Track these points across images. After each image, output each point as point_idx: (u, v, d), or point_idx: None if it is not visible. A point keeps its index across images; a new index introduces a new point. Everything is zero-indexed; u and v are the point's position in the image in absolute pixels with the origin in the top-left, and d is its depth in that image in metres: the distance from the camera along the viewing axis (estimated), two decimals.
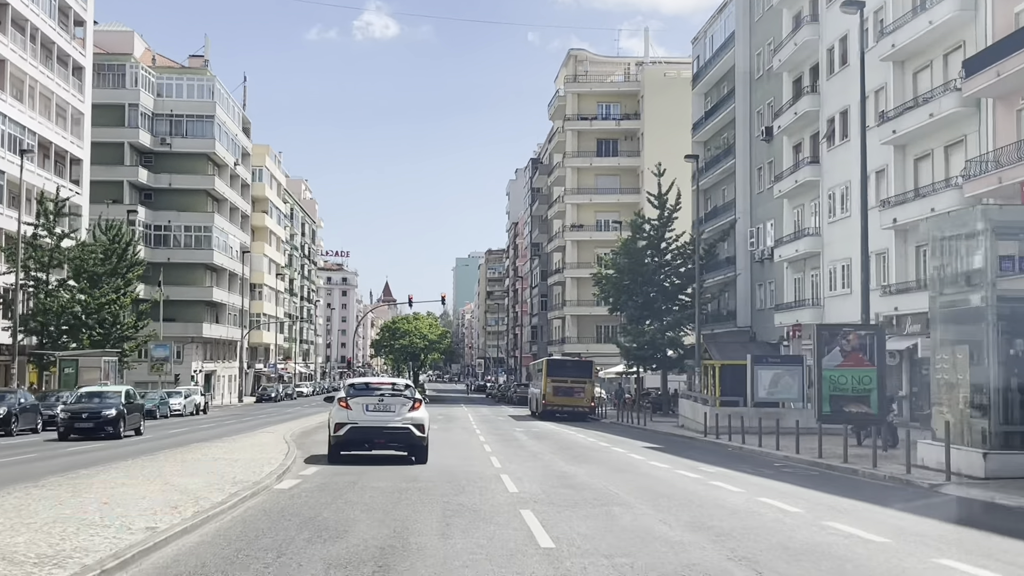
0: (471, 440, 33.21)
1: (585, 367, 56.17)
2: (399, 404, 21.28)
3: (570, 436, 36.54)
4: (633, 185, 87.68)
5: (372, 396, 21.59)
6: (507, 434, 37.83)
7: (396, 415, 21.15)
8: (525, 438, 34.97)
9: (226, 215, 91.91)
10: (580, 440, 34.17)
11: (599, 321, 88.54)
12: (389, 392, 21.77)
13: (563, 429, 42.98)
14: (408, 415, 21.23)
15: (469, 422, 49.54)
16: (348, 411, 21.24)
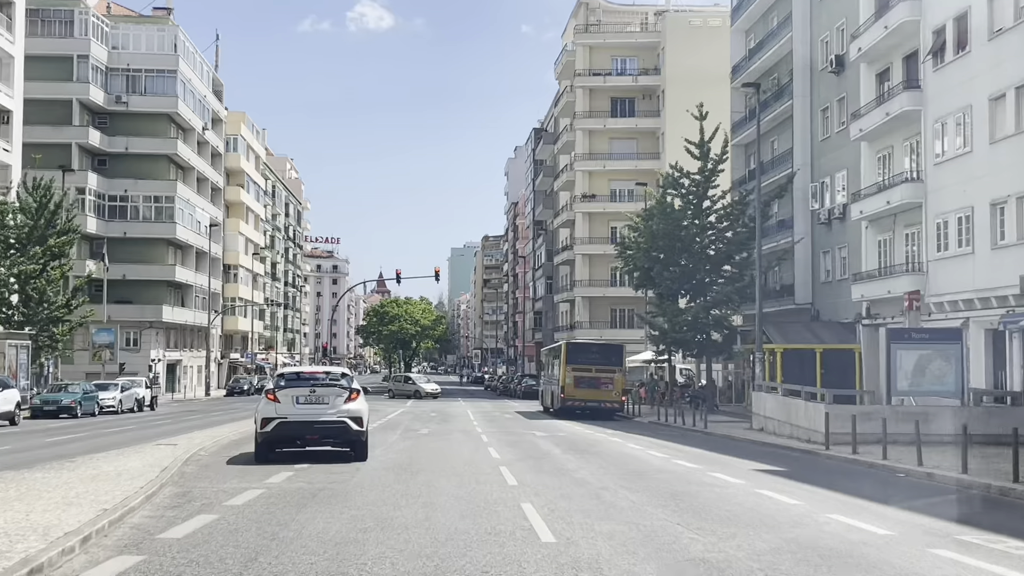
0: (477, 455, 21.97)
1: (613, 352, 44.92)
2: (333, 395, 18.83)
3: (618, 447, 25.33)
4: (652, 149, 76.31)
5: (303, 387, 18.96)
6: (527, 442, 26.68)
7: (330, 408, 18.73)
8: (556, 450, 23.72)
9: (192, 186, 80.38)
10: (638, 454, 22.88)
11: (614, 303, 77.21)
12: (322, 382, 19.21)
13: (597, 433, 31.74)
14: (344, 407, 18.75)
15: (470, 422, 38.38)
16: (276, 404, 18.68)
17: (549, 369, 49.60)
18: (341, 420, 18.60)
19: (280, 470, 17.09)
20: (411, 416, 42.99)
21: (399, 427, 33.31)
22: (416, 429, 31.86)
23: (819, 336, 43.71)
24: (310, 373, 20.18)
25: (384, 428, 32.12)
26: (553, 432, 31.32)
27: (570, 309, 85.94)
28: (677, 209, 47.38)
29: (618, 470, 18.47)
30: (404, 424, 35.37)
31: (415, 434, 29.06)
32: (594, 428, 34.91)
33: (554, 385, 45.88)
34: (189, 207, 78.30)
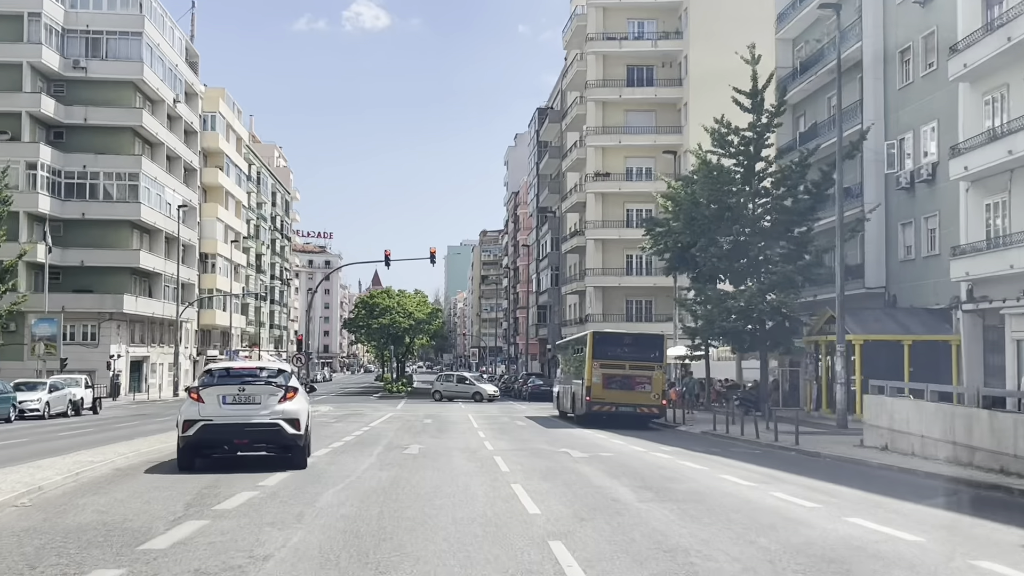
0: (498, 504, 12.89)
1: (652, 344, 35.98)
2: (266, 394, 16.19)
3: (717, 484, 16.34)
4: (672, 123, 67.48)
5: (231, 385, 16.28)
6: (566, 470, 17.90)
7: (262, 408, 16.04)
8: (622, 489, 14.67)
9: (162, 163, 71.44)
10: (769, 504, 13.55)
11: (630, 294, 68.37)
12: (253, 379, 16.46)
13: (653, 452, 22.91)
14: (278, 407, 16.11)
15: (475, 433, 29.70)
16: (200, 404, 16.04)
17: (567, 366, 40.72)
18: (274, 422, 16.08)
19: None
20: (400, 424, 34.08)
21: (380, 442, 24.44)
22: (402, 446, 22.97)
23: (904, 325, 35.06)
24: (241, 369, 17.80)
25: (359, 445, 23.24)
26: (592, 450, 22.45)
27: (579, 301, 77.07)
28: (723, 170, 38.46)
29: (782, 549, 9.54)
30: (388, 437, 26.49)
31: (400, 455, 20.16)
32: (640, 442, 26.07)
33: (575, 385, 37.03)
34: (157, 186, 69.30)
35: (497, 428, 32.52)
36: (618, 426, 33.76)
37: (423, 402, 59.27)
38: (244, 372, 17.18)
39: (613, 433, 30.12)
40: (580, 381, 35.74)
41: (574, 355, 38.68)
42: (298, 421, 16.22)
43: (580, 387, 35.51)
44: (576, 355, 37.96)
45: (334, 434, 27.20)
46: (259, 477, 14.90)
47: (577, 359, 37.47)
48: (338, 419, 37.24)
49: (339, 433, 27.78)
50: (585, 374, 34.41)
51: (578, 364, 37.01)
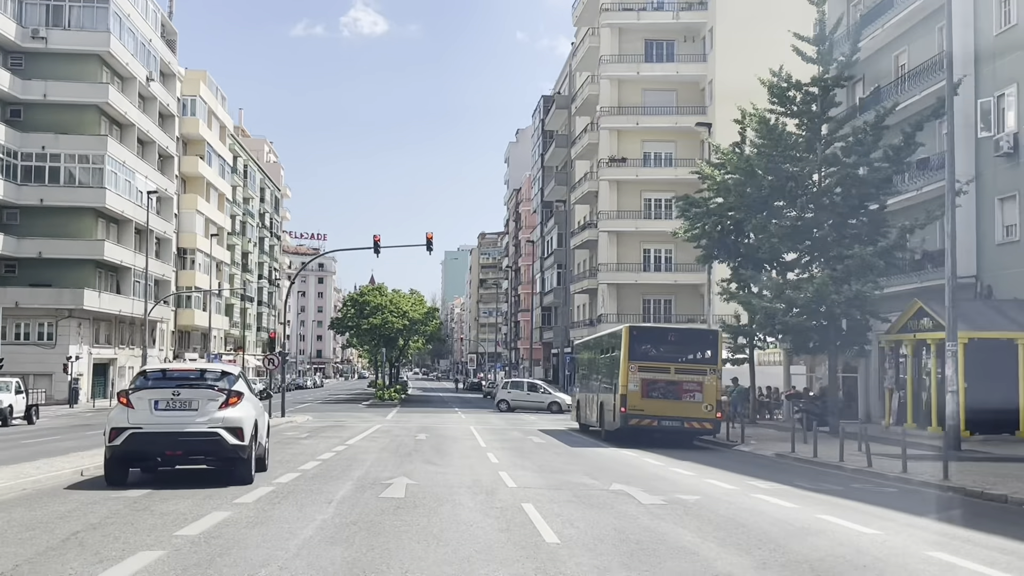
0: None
1: (703, 342, 28.64)
2: (204, 399, 14.26)
3: (887, 552, 9.52)
4: (695, 102, 60.44)
5: (164, 389, 14.43)
6: (639, 527, 10.93)
7: (199, 415, 14.16)
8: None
9: (132, 147, 64.25)
10: None
11: (647, 291, 61.21)
12: (191, 383, 14.60)
13: (750, 491, 15.85)
14: (218, 414, 14.15)
15: (480, 450, 23.14)
16: (129, 410, 14.17)
17: (591, 370, 33.42)
18: (213, 431, 13.98)
19: None
20: (386, 442, 26.88)
21: (352, 472, 17.20)
22: (382, 481, 15.68)
23: (1016, 320, 27.90)
24: (179, 371, 15.58)
25: (319, 480, 15.99)
26: (662, 490, 15.23)
27: (589, 301, 69.92)
28: (781, 133, 31.32)
29: None
30: (366, 463, 19.27)
31: (374, 503, 12.82)
32: (713, 472, 18.92)
33: (604, 393, 29.81)
34: (126, 171, 62.07)
35: (511, 447, 25.33)
36: (660, 444, 26.68)
37: (417, 411, 52.04)
38: (181, 374, 15.23)
39: (663, 456, 22.95)
40: (611, 388, 28.53)
41: (601, 357, 31.40)
42: (241, 430, 14.24)
43: (611, 396, 28.29)
44: (604, 357, 30.70)
45: (294, 458, 20.03)
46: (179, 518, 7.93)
47: (606, 362, 30.22)
48: (312, 433, 30.01)
49: (302, 456, 20.60)
50: (619, 379, 27.19)
51: (608, 367, 29.78)
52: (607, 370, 29.81)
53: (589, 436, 31.23)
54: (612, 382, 28.44)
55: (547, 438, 30.00)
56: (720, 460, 22.48)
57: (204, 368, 15.82)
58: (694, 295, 60.57)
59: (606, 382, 29.76)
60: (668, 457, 22.70)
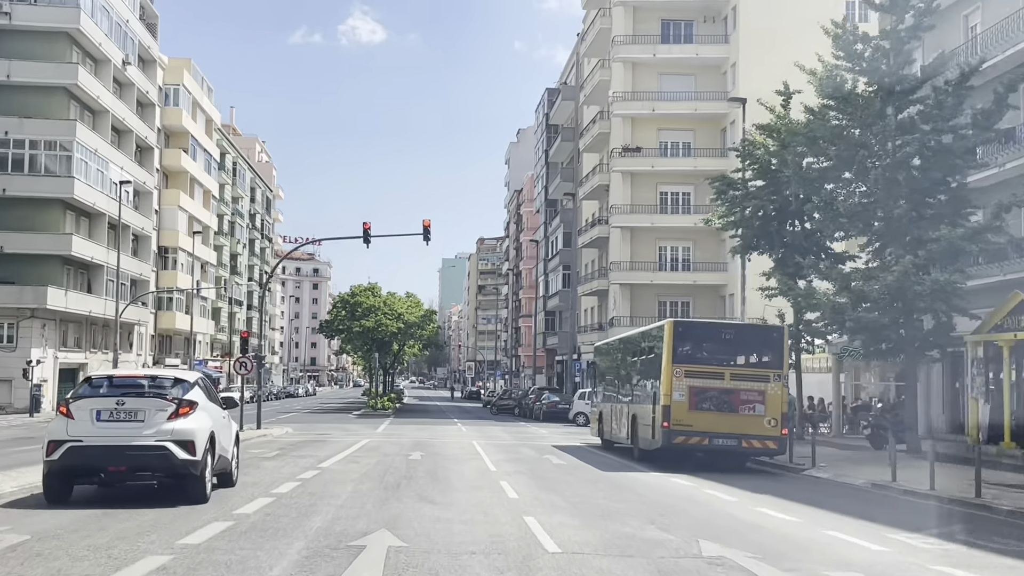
0: None
1: (766, 341, 22.67)
2: (153, 409, 12.94)
3: None
4: (717, 88, 55.07)
5: (108, 397, 13.07)
6: None
7: (146, 426, 12.84)
8: None
9: (105, 134, 58.74)
10: None
11: (663, 292, 55.79)
12: (137, 391, 13.25)
13: (904, 554, 10.01)
14: (166, 426, 12.84)
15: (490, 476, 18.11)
16: (68, 421, 12.93)
17: (619, 377, 27.84)
18: (160, 445, 12.75)
19: None
20: (371, 464, 21.44)
21: (308, 523, 11.60)
22: (354, 537, 10.17)
23: None
24: (127, 378, 14.27)
25: (255, 537, 10.42)
26: (792, 558, 9.73)
27: (598, 304, 64.46)
28: (849, 93, 25.95)
29: None
30: (336, 505, 13.73)
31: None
32: (824, 518, 13.66)
33: (638, 404, 24.31)
34: (98, 161, 56.62)
35: (528, 472, 19.91)
36: (707, 466, 21.43)
37: (412, 422, 46.53)
38: (129, 382, 13.79)
39: (729, 486, 17.60)
40: (648, 398, 23.07)
41: (633, 360, 25.80)
42: (192, 443, 12.80)
43: (648, 407, 22.82)
44: (638, 360, 25.13)
45: (242, 490, 14.74)
46: None
47: (641, 366, 24.69)
48: (283, 451, 24.52)
49: (254, 487, 15.24)
50: (661, 387, 21.71)
51: (643, 373, 24.31)
52: (642, 376, 24.34)
53: (616, 455, 25.80)
54: (650, 391, 22.98)
55: (567, 457, 24.56)
56: (810, 494, 17.05)
57: (155, 375, 14.44)
58: (714, 297, 55.21)
59: (640, 391, 24.28)
60: (737, 488, 17.30)
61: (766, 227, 32.30)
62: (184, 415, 12.97)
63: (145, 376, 14.27)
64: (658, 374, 22.12)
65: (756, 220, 32.26)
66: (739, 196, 32.52)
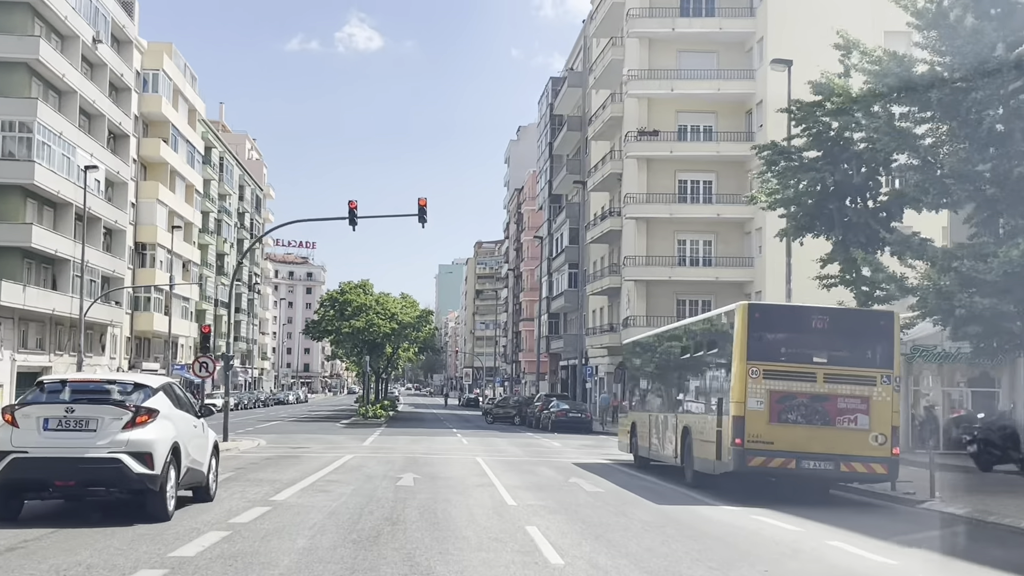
0: None
1: (870, 332, 17.01)
2: (106, 417, 11.61)
3: None
4: (741, 65, 49.82)
5: (57, 404, 11.78)
6: None
7: (98, 436, 11.53)
8: None
9: (73, 117, 53.31)
10: None
11: (684, 290, 50.42)
12: (90, 397, 11.95)
13: None
14: (121, 436, 11.53)
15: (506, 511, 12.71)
16: (13, 430, 11.66)
17: (662, 380, 22.22)
18: (113, 457, 11.36)
19: None
20: (345, 496, 15.94)
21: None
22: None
23: None
24: (81, 382, 12.76)
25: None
26: None
27: (608, 304, 59.15)
28: (965, 25, 20.61)
29: None
30: (277, 568, 8.12)
31: None
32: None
33: (694, 413, 18.80)
34: (63, 145, 51.22)
35: (560, 507, 14.51)
36: (783, 496, 16.02)
37: (406, 432, 41.01)
38: (83, 386, 12.37)
39: (846, 531, 12.29)
40: (709, 406, 17.65)
41: (687, 358, 20.04)
42: (150, 455, 11.54)
43: (710, 418, 17.39)
44: (694, 357, 19.45)
45: (141, 541, 9.12)
46: None
47: (698, 364, 19.08)
48: (238, 473, 19.03)
49: (161, 539, 9.75)
50: (731, 392, 16.27)
51: (702, 373, 18.80)
52: (699, 378, 18.85)
53: (658, 477, 20.41)
54: (712, 397, 17.55)
55: (600, 482, 19.10)
56: (977, 548, 11.57)
57: (113, 379, 13.00)
58: (739, 295, 49.63)
59: (696, 397, 18.84)
60: (865, 536, 11.97)
61: (823, 205, 27.20)
62: (142, 424, 11.73)
63: (102, 380, 12.91)
64: (726, 375, 16.70)
65: (812, 196, 27.16)
66: (793, 168, 27.30)
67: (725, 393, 16.62)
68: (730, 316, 16.95)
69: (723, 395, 16.73)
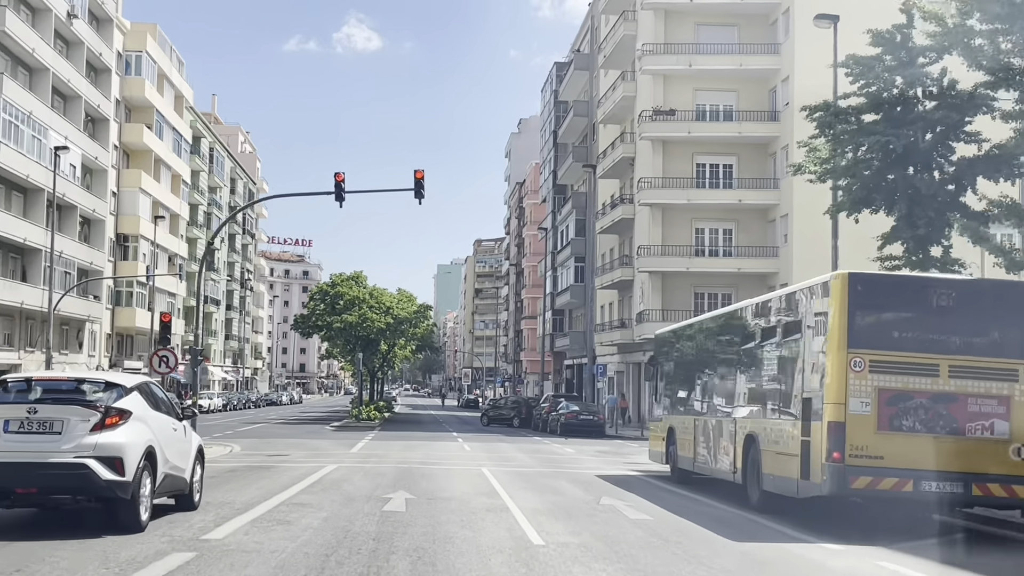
0: None
1: (1009, 308, 13.13)
2: (73, 419, 10.50)
3: None
4: (765, 39, 45.81)
5: (19, 404, 10.76)
6: None
7: (63, 440, 10.45)
8: None
9: (44, 96, 49.27)
10: None
11: (702, 283, 46.39)
12: (56, 397, 10.97)
13: None
14: (89, 439, 10.42)
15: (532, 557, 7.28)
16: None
17: (711, 372, 17.96)
18: (79, 462, 10.27)
19: None
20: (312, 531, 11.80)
21: None
22: None
23: None
24: (48, 380, 12.03)
25: None
26: None
27: (618, 299, 55.16)
28: None
29: None
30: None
31: None
32: None
33: (761, 415, 14.64)
34: (33, 125, 47.20)
35: (597, 541, 10.59)
36: (886, 527, 12.01)
37: (401, 436, 36.85)
38: (49, 385, 11.50)
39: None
40: (788, 407, 13.55)
41: (751, 346, 15.70)
42: (120, 460, 10.39)
43: (788, 424, 13.32)
44: (764, 345, 15.00)
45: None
46: None
47: (770, 354, 14.74)
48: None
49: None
50: (826, 391, 12.17)
51: (776, 365, 14.55)
52: (773, 373, 14.65)
53: (708, 495, 16.37)
54: (793, 396, 13.44)
55: (642, 504, 15.00)
56: None
57: (84, 377, 11.97)
58: (762, 288, 45.57)
59: (768, 397, 14.68)
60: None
61: (883, 174, 23.36)
62: (112, 426, 10.62)
63: (71, 379, 12.14)
64: (815, 367, 12.62)
65: (871, 165, 23.36)
66: (850, 132, 23.46)
67: (816, 392, 12.52)
68: (824, 290, 12.79)
69: (812, 395, 12.63)
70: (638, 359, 51.73)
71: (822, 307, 12.70)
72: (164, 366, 24.74)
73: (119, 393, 11.11)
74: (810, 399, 12.70)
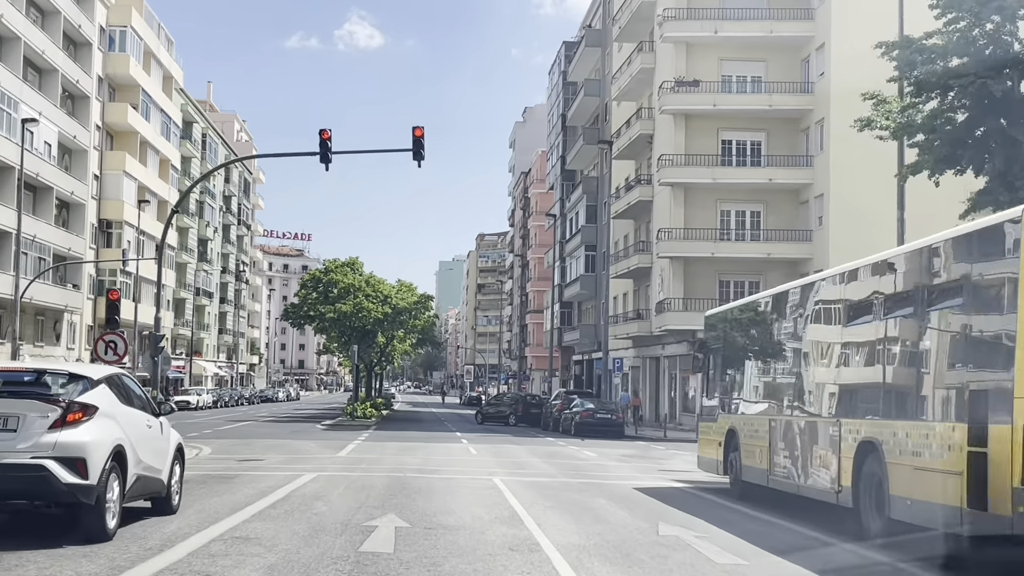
0: None
1: None
2: (31, 415, 9.30)
3: None
4: (798, 3, 41.72)
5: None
6: None
7: (19, 438, 9.26)
8: None
9: (15, 67, 45.31)
10: None
11: (727, 270, 42.37)
12: (11, 391, 9.69)
13: None
14: (47, 438, 9.25)
15: None
16: None
17: (794, 362, 13.96)
18: (36, 463, 9.15)
19: None
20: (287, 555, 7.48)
21: None
22: None
23: None
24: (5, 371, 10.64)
25: None
26: None
27: (633, 288, 51.17)
28: None
29: None
30: None
31: None
32: None
33: (884, 416, 10.55)
34: (2, 98, 43.19)
35: None
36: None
37: (398, 436, 32.79)
38: (8, 376, 10.30)
39: None
40: (935, 408, 9.43)
41: (867, 325, 11.47)
42: (82, 461, 9.25)
43: (939, 428, 9.19)
44: (885, 323, 10.88)
45: None
46: None
47: (898, 334, 10.69)
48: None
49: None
50: (1017, 383, 8.07)
51: (907, 348, 10.48)
52: (898, 355, 10.59)
53: (793, 520, 12.35)
54: (942, 386, 9.37)
55: (719, 536, 10.96)
56: None
57: (45, 369, 10.54)
58: (794, 275, 41.56)
59: (897, 393, 10.60)
60: None
61: (973, 128, 19.51)
62: (74, 423, 9.41)
63: (30, 371, 10.50)
64: (995, 347, 8.59)
65: (956, 119, 19.48)
66: (936, 74, 19.51)
67: (995, 381, 8.49)
68: (1003, 234, 8.73)
69: (989, 384, 8.60)
70: (656, 352, 47.70)
71: (1001, 258, 8.63)
72: (111, 353, 20.72)
73: (84, 386, 9.93)
74: (984, 392, 8.65)
